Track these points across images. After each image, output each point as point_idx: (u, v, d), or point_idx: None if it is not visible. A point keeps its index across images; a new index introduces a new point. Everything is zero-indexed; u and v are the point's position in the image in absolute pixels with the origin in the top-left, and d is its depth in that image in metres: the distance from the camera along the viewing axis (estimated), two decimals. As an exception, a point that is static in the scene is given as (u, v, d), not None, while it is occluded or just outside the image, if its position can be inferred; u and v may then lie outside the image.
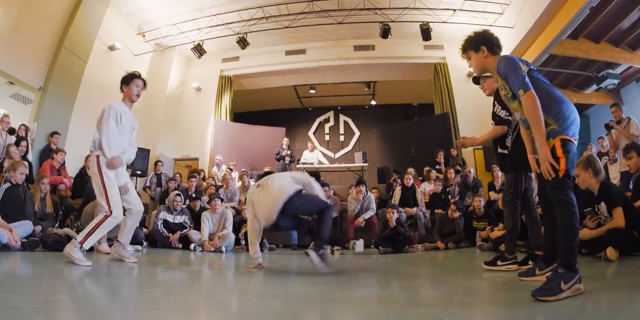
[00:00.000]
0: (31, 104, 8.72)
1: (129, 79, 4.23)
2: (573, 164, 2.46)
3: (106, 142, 3.94)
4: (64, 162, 7.54)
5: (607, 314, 1.99)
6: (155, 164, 9.97)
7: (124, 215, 4.09)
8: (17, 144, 7.00)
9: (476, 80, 4.33)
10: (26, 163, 6.70)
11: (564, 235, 2.33)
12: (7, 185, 5.30)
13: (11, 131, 7.40)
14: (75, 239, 3.75)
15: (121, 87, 4.25)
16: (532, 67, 2.65)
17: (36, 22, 8.38)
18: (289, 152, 11.43)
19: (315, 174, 11.31)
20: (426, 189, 8.95)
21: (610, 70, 11.59)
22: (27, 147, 7.35)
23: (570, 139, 2.47)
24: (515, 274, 3.04)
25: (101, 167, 3.95)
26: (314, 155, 12.39)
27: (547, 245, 2.92)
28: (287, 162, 11.35)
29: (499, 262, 3.71)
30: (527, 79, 2.54)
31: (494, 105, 4.05)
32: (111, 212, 3.84)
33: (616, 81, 11.69)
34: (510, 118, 3.85)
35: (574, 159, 2.48)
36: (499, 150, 4.06)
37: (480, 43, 2.94)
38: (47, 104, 8.43)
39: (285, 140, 11.85)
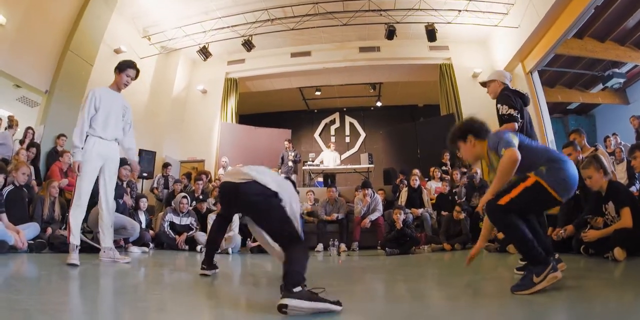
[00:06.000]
0: (37, 107, 8.76)
1: (124, 67, 4.22)
2: (525, 204, 2.58)
3: (77, 131, 3.95)
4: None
5: (615, 314, 1.98)
6: (165, 166, 9.99)
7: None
8: (27, 148, 7.08)
9: (484, 84, 4.35)
10: (31, 166, 6.75)
11: (517, 246, 2.63)
12: (10, 188, 5.30)
13: (20, 142, 7.45)
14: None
15: (115, 71, 4.25)
16: (520, 137, 2.79)
17: (42, 26, 8.42)
18: (293, 153, 11.40)
19: (330, 176, 11.38)
20: (432, 186, 8.95)
21: (616, 70, 11.60)
22: (38, 153, 7.40)
23: (544, 187, 2.54)
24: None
25: (85, 145, 3.98)
26: (334, 155, 12.39)
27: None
28: (291, 165, 11.28)
29: None
30: (513, 142, 2.65)
31: (497, 107, 4.00)
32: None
33: (622, 80, 11.69)
34: (515, 114, 3.83)
35: (525, 205, 2.59)
36: None
37: (466, 132, 2.95)
38: (53, 106, 8.46)
39: (286, 143, 11.72)
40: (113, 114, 4.17)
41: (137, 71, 4.32)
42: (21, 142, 7.34)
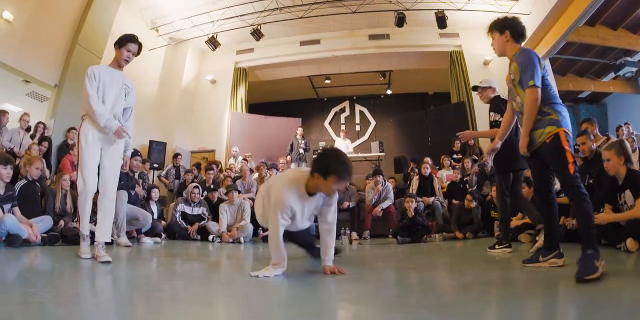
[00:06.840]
0: (47, 101, 8.80)
1: (123, 41, 3.77)
2: (574, 157, 2.68)
3: (92, 103, 3.54)
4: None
5: (628, 304, 1.96)
6: (175, 156, 10.05)
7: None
8: (39, 142, 7.13)
9: (475, 89, 4.97)
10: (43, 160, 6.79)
11: (585, 224, 2.59)
12: (23, 182, 5.33)
13: (27, 129, 7.51)
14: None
15: (114, 47, 3.84)
16: (545, 68, 2.90)
17: (49, 20, 8.46)
18: (303, 141, 11.43)
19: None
20: (443, 175, 8.97)
21: (628, 58, 11.43)
22: (50, 147, 7.44)
23: (567, 132, 2.75)
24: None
25: (81, 131, 3.63)
26: (346, 143, 12.44)
27: (548, 233, 3.05)
28: (301, 152, 11.31)
29: (496, 247, 4.43)
30: (540, 77, 2.79)
31: (490, 114, 4.60)
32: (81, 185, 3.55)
33: (634, 69, 11.52)
34: None
35: (574, 153, 2.73)
36: None
37: (506, 27, 3.09)
38: (63, 100, 8.52)
39: (300, 130, 11.84)
40: (112, 93, 3.74)
41: (140, 45, 3.88)
42: (32, 137, 7.40)
